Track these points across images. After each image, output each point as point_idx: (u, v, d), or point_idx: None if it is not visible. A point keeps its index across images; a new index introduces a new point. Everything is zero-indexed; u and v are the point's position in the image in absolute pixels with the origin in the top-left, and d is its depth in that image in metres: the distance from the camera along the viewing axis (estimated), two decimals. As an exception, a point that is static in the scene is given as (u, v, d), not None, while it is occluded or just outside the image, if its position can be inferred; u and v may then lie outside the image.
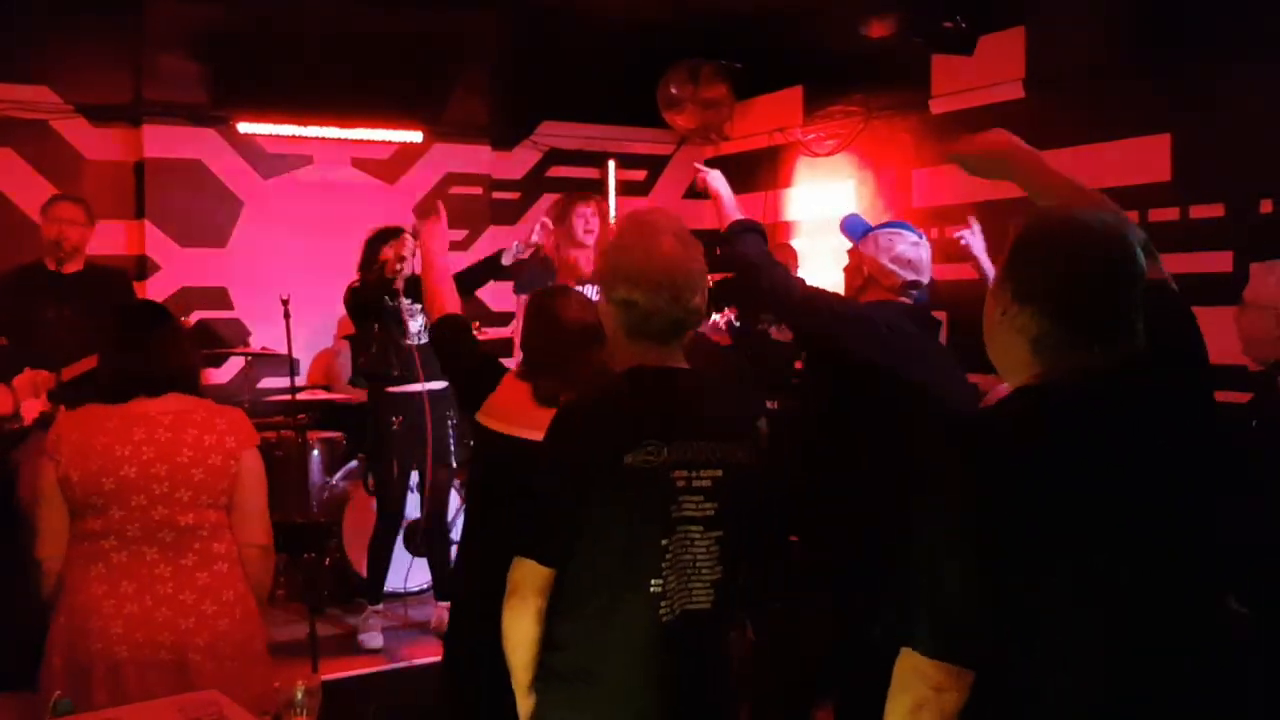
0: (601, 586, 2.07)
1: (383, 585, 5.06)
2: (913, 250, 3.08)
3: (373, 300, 4.90)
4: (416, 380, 4.82)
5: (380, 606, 4.98)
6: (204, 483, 2.70)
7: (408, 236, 4.82)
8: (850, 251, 3.17)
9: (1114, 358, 1.63)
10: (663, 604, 2.07)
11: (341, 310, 5.29)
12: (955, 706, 1.54)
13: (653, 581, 2.06)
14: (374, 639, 4.85)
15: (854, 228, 3.23)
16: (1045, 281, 1.63)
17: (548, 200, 7.41)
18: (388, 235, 4.95)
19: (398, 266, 4.79)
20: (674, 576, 2.08)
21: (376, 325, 4.96)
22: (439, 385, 4.81)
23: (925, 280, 3.10)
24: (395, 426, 4.92)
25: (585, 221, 4.82)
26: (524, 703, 2.15)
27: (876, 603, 2.66)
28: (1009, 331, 1.67)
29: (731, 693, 2.31)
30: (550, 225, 4.83)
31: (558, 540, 2.07)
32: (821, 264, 6.32)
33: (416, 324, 4.89)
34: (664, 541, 2.07)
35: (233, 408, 2.86)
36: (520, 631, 2.10)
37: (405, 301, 4.81)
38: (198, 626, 2.68)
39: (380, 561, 5.04)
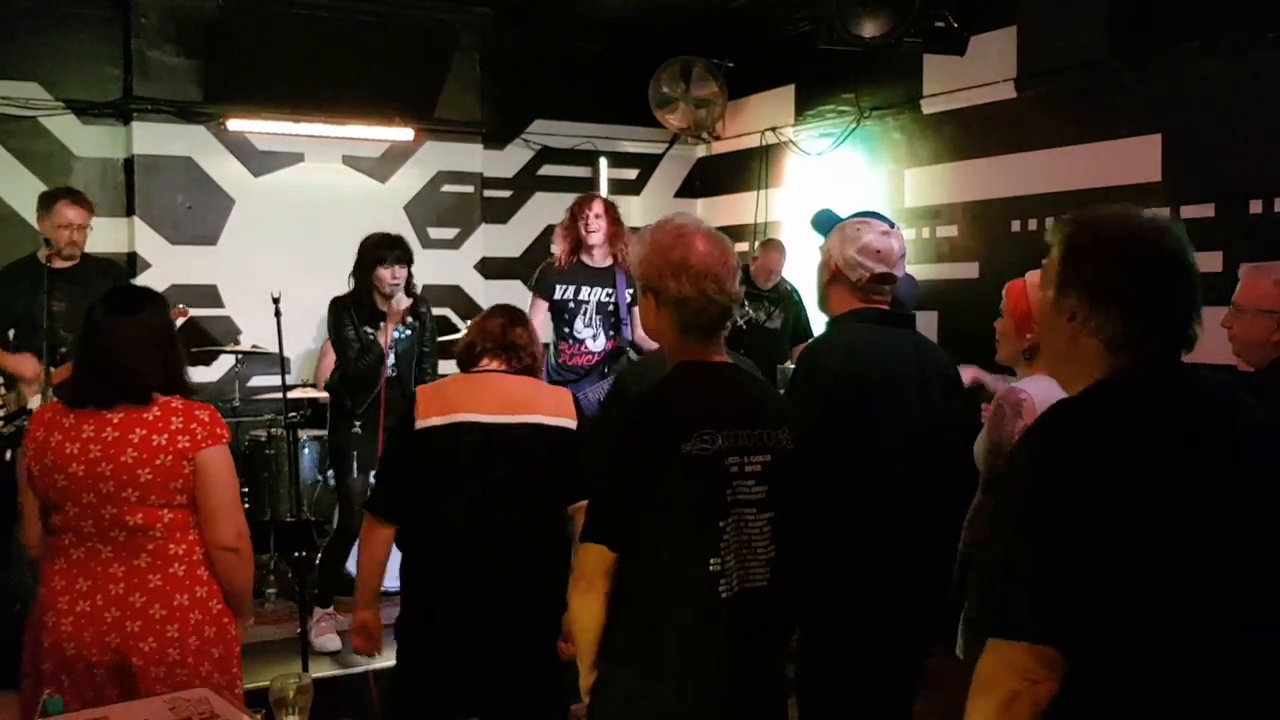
0: (664, 567, 2.20)
1: (332, 588, 4.96)
2: (881, 240, 2.81)
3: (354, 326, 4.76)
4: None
5: (331, 609, 4.92)
6: (152, 482, 2.62)
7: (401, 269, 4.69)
8: (821, 248, 2.95)
9: (1182, 347, 1.69)
10: (721, 582, 2.21)
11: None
12: (1048, 698, 1.53)
13: (711, 561, 2.21)
14: (330, 641, 4.80)
15: (823, 223, 3.01)
16: (1122, 281, 1.66)
17: (540, 198, 7.44)
18: (383, 250, 4.70)
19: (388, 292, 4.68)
20: (731, 556, 2.23)
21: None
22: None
23: (898, 273, 2.86)
24: (358, 431, 4.86)
25: (588, 222, 5.16)
26: (587, 678, 2.30)
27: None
28: (1081, 335, 1.69)
29: (784, 666, 2.46)
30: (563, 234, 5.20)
31: (625, 527, 2.22)
32: (811, 264, 6.31)
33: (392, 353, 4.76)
34: (721, 524, 2.22)
35: (204, 405, 2.76)
36: (590, 614, 2.25)
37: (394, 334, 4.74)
38: (144, 630, 2.62)
39: (333, 565, 4.95)
